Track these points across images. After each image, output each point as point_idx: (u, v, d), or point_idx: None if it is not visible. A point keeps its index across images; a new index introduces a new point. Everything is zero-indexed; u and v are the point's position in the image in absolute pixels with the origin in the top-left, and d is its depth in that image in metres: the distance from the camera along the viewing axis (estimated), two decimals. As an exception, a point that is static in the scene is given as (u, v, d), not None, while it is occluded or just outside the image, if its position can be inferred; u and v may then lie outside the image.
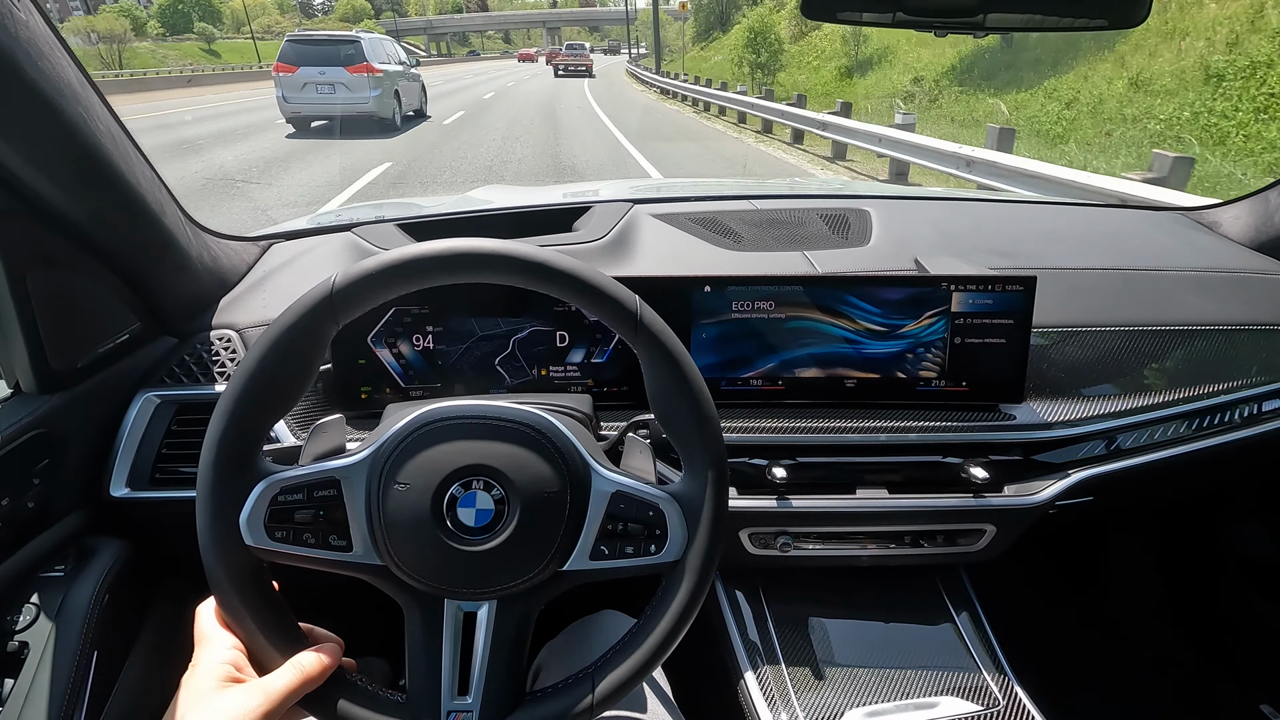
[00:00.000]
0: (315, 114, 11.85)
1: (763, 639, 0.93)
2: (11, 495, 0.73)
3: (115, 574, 0.80)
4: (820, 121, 8.95)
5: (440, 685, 0.56)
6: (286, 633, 0.54)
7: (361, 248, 1.08)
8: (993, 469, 0.88)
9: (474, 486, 0.55)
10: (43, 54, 0.60)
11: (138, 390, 0.88)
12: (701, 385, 0.59)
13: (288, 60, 11.36)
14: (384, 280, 0.54)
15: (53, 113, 0.62)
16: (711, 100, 14.86)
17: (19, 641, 0.70)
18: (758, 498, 0.88)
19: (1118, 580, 1.37)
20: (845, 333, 0.90)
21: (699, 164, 8.99)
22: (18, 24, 0.57)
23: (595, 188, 1.70)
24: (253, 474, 0.54)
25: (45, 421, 0.77)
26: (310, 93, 11.47)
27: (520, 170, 8.26)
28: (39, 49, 0.59)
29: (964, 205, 1.34)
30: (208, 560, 0.53)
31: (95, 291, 0.80)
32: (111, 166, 0.71)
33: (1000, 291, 0.88)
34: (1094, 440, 0.92)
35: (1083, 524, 1.25)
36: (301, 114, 11.73)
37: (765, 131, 11.73)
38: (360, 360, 0.89)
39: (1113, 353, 0.98)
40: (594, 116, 14.41)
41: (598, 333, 0.91)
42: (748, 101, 12.36)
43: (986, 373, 0.91)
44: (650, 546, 0.57)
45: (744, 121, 12.87)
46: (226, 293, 0.99)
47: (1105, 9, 0.97)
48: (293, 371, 0.54)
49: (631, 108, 17.02)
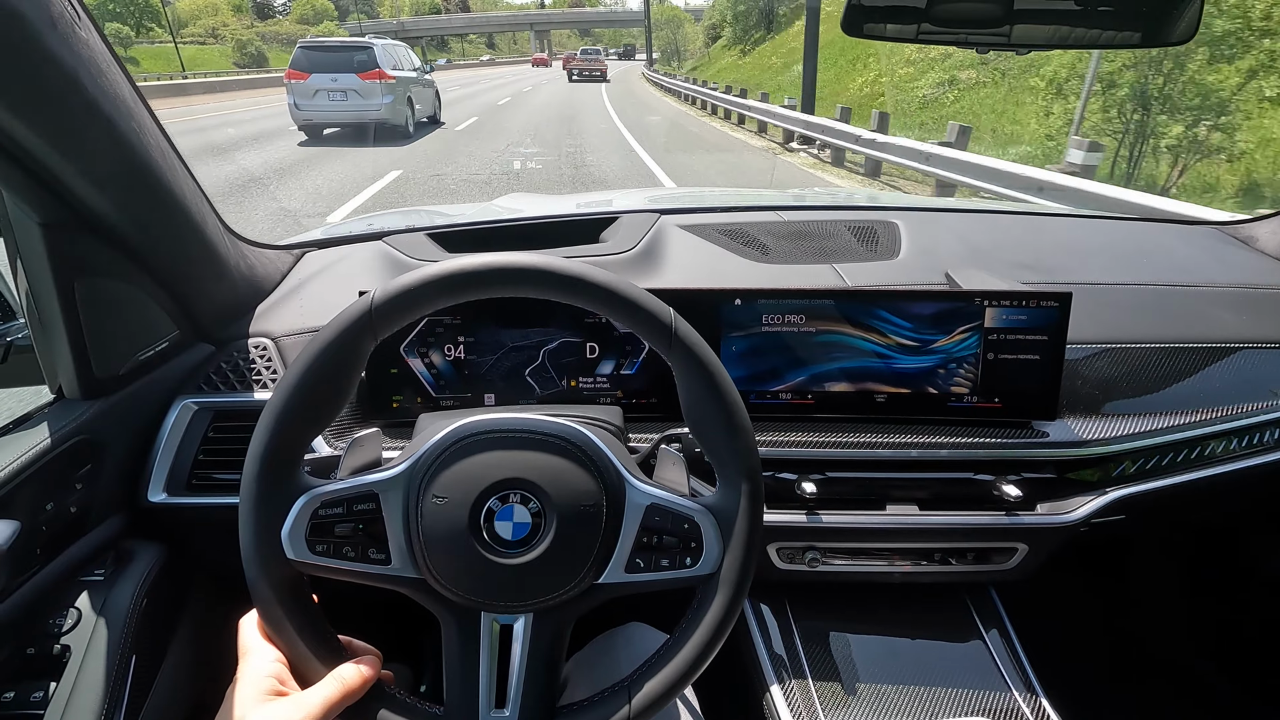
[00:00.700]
0: (327, 121, 11.79)
1: (789, 654, 0.93)
2: (55, 500, 0.74)
3: (153, 578, 0.81)
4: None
5: (478, 698, 0.56)
6: (327, 645, 0.55)
7: (392, 256, 1.09)
8: (1025, 486, 0.87)
9: (511, 500, 0.55)
10: (102, 71, 0.61)
11: (175, 397, 0.89)
12: (736, 398, 0.59)
13: (300, 67, 11.27)
14: (422, 296, 0.55)
15: (110, 128, 0.64)
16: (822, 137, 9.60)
17: (62, 645, 0.71)
18: (787, 512, 0.88)
19: (1150, 600, 1.35)
20: (876, 347, 0.90)
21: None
22: (80, 43, 0.58)
23: (618, 197, 1.71)
24: (294, 488, 0.54)
25: (88, 428, 0.78)
26: (322, 100, 11.36)
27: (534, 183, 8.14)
28: (99, 66, 0.61)
29: (991, 218, 1.34)
30: (250, 573, 0.53)
31: (138, 299, 0.82)
32: (160, 178, 0.73)
33: (1034, 307, 0.87)
34: (1129, 459, 0.91)
35: (1114, 542, 1.23)
36: (314, 121, 11.65)
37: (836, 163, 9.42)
38: (392, 370, 0.90)
39: (1147, 370, 0.96)
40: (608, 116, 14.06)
41: (627, 345, 0.91)
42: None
43: (1019, 389, 0.90)
44: (686, 559, 0.58)
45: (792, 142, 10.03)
46: (261, 300, 1.00)
47: (1144, 22, 0.96)
48: (333, 386, 0.55)
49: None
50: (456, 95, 22.39)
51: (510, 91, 25.48)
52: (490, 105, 19.04)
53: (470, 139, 12.00)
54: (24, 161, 0.61)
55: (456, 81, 34.12)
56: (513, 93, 24.78)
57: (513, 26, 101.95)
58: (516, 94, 23.95)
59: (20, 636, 0.70)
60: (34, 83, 0.56)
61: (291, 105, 11.38)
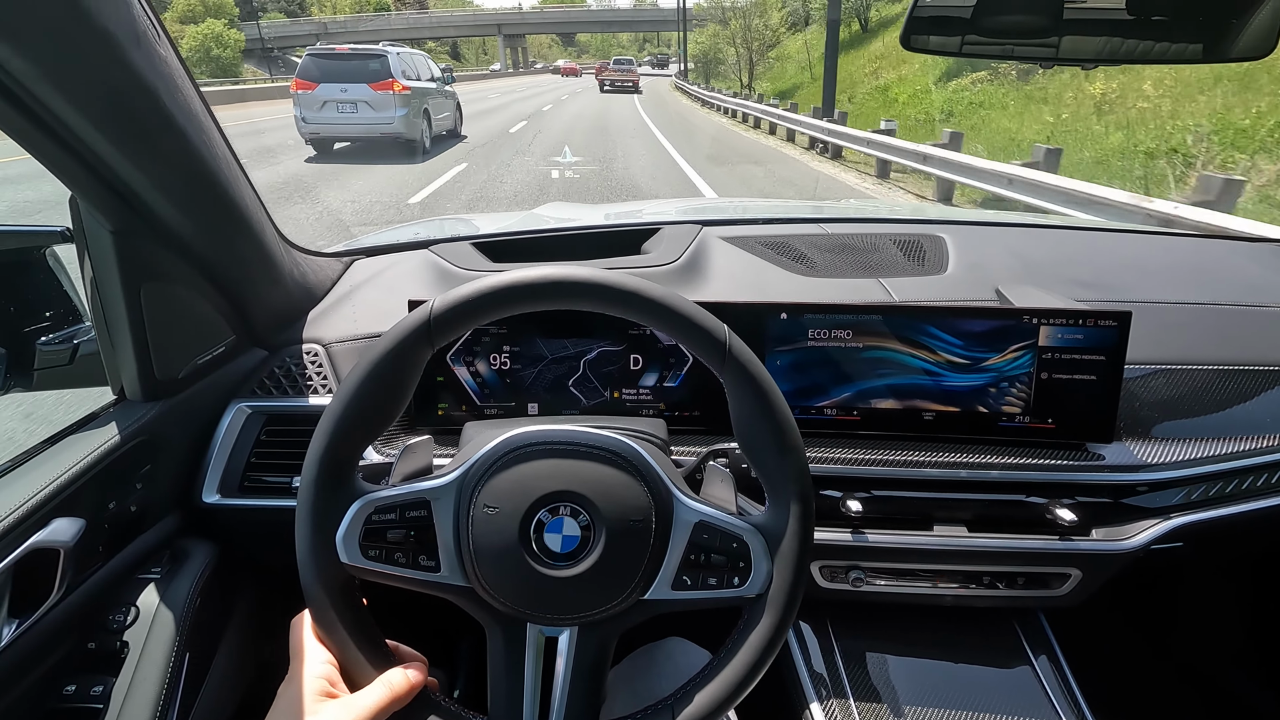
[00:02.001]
0: (336, 135, 10.87)
1: (830, 673, 0.91)
2: (117, 499, 0.76)
3: (206, 577, 0.83)
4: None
5: (522, 709, 0.56)
6: (377, 650, 0.56)
7: (439, 266, 1.11)
8: (1080, 510, 0.84)
9: (561, 512, 0.55)
10: (178, 86, 0.63)
11: (230, 400, 0.91)
12: (789, 418, 0.58)
13: (308, 76, 10.34)
14: (480, 307, 0.55)
15: (183, 140, 0.66)
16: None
17: (121, 640, 0.73)
18: (831, 530, 0.87)
19: (1207, 632, 1.30)
20: (924, 364, 0.88)
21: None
22: (160, 59, 0.61)
23: (658, 206, 1.71)
24: (349, 493, 0.55)
25: (149, 429, 0.81)
26: (331, 112, 10.40)
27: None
28: (175, 82, 0.63)
29: (1042, 232, 1.31)
30: (305, 576, 0.54)
31: (198, 305, 0.85)
32: (225, 189, 0.75)
33: (1092, 326, 0.85)
34: (1190, 485, 0.87)
35: (1171, 571, 1.19)
36: (321, 135, 10.69)
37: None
38: (439, 377, 0.91)
39: (1209, 392, 0.93)
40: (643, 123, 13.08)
41: (671, 357, 0.91)
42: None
43: (1074, 410, 0.87)
44: (733, 579, 0.57)
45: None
46: (313, 307, 1.03)
47: (1206, 35, 0.93)
48: (390, 393, 0.56)
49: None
50: (478, 109, 19.48)
51: (532, 107, 22.34)
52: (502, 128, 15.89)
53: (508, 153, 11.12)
54: (101, 172, 0.64)
55: (476, 92, 29.56)
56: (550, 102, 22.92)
57: (475, 28, 76.24)
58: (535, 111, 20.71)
59: (82, 631, 0.73)
60: (118, 97, 0.58)
61: (298, 118, 10.43)
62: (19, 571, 0.63)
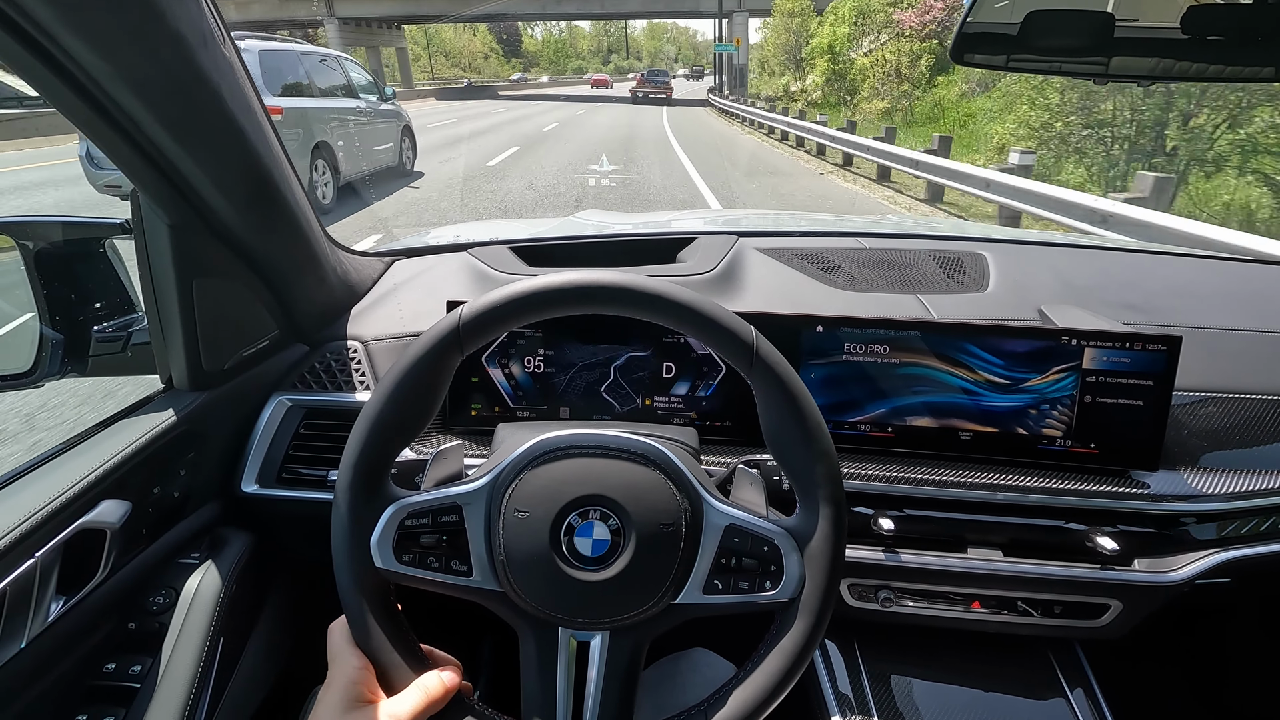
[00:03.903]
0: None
1: (856, 694, 0.89)
2: (162, 484, 0.79)
3: (242, 565, 0.85)
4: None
5: (554, 714, 0.56)
6: (412, 654, 0.56)
7: (477, 268, 1.12)
8: (1122, 539, 0.81)
9: (591, 516, 0.55)
10: (239, 87, 0.66)
11: (272, 393, 0.94)
12: (819, 419, 0.57)
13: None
14: (507, 313, 0.56)
15: (241, 139, 0.68)
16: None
17: (159, 622, 0.75)
18: (861, 548, 0.85)
19: (1257, 679, 1.24)
20: (963, 383, 0.87)
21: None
22: (224, 61, 0.63)
23: (694, 216, 1.72)
24: (383, 497, 0.56)
25: (194, 418, 0.83)
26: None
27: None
28: (237, 83, 0.65)
29: (1088, 253, 1.28)
30: (341, 581, 0.54)
31: (246, 299, 0.87)
32: (277, 188, 0.78)
33: (1139, 350, 0.82)
34: (1240, 518, 0.84)
35: (1219, 610, 1.14)
36: (121, 186, 4.92)
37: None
38: (473, 378, 0.92)
39: (1262, 423, 0.90)
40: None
41: (704, 366, 0.91)
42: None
43: (1119, 436, 0.85)
44: (765, 583, 0.56)
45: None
46: (354, 304, 1.05)
47: (1262, 54, 0.90)
48: (423, 398, 0.56)
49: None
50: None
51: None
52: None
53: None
54: (164, 168, 0.66)
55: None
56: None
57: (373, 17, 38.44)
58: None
59: (124, 611, 0.75)
60: (185, 96, 0.60)
61: (84, 157, 6.36)
62: (68, 550, 0.65)
